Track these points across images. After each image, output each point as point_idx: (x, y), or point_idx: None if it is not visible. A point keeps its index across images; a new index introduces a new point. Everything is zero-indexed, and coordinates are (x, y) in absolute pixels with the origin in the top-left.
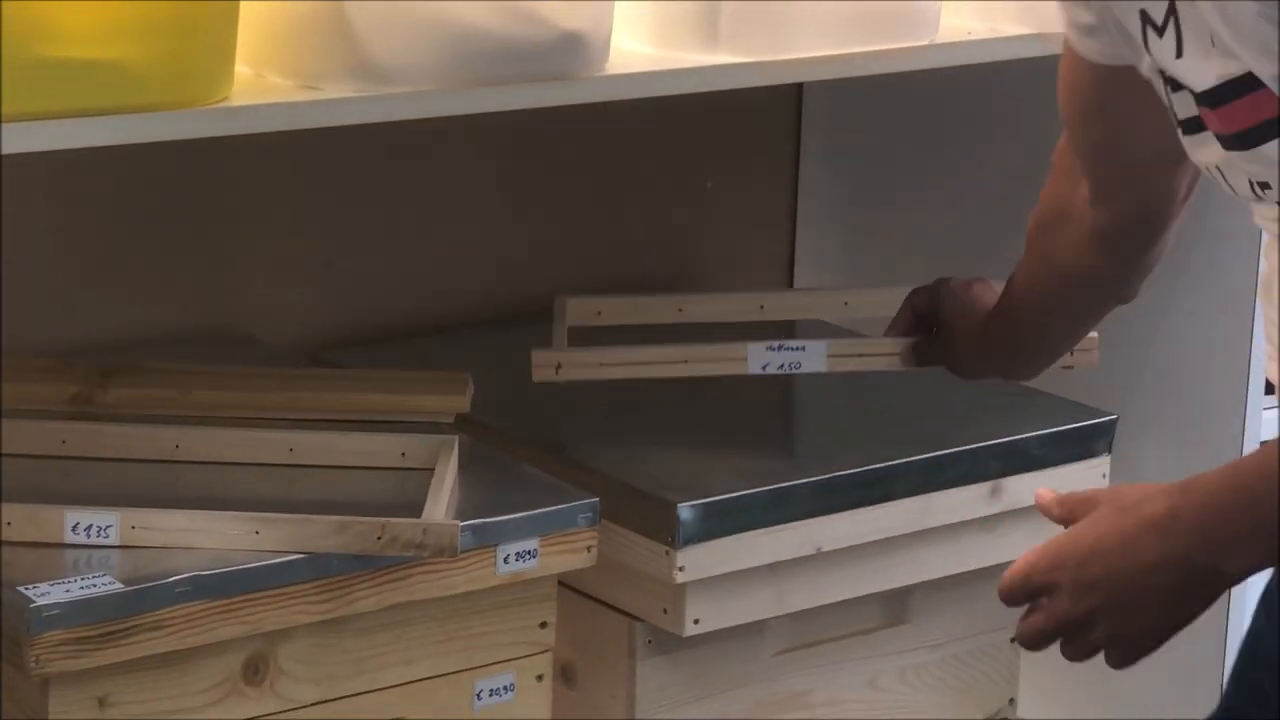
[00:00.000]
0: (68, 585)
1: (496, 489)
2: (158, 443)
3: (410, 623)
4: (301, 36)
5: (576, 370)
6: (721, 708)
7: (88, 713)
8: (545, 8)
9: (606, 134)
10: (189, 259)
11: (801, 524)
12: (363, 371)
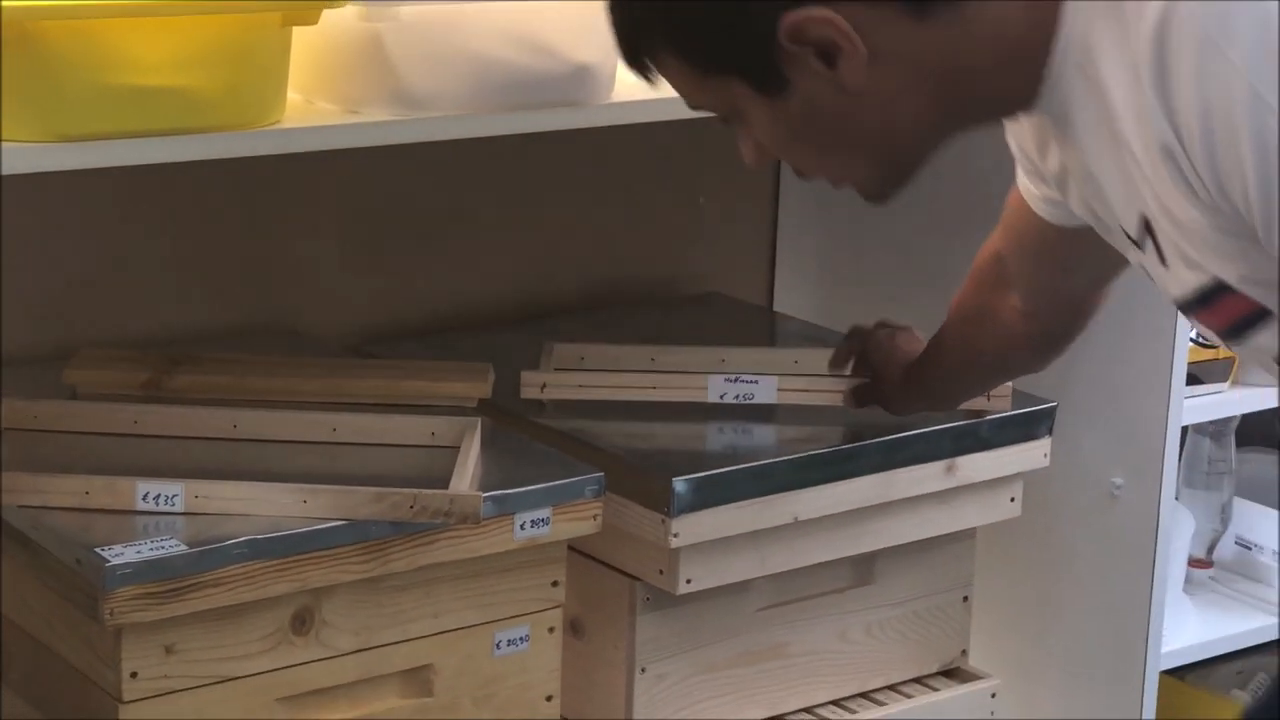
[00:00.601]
0: (139, 547)
1: (514, 465)
2: (217, 423)
3: (438, 581)
4: (346, 67)
5: (558, 391)
6: (710, 657)
7: (156, 660)
8: (558, 42)
9: (611, 154)
10: (246, 264)
11: (780, 496)
12: (397, 361)
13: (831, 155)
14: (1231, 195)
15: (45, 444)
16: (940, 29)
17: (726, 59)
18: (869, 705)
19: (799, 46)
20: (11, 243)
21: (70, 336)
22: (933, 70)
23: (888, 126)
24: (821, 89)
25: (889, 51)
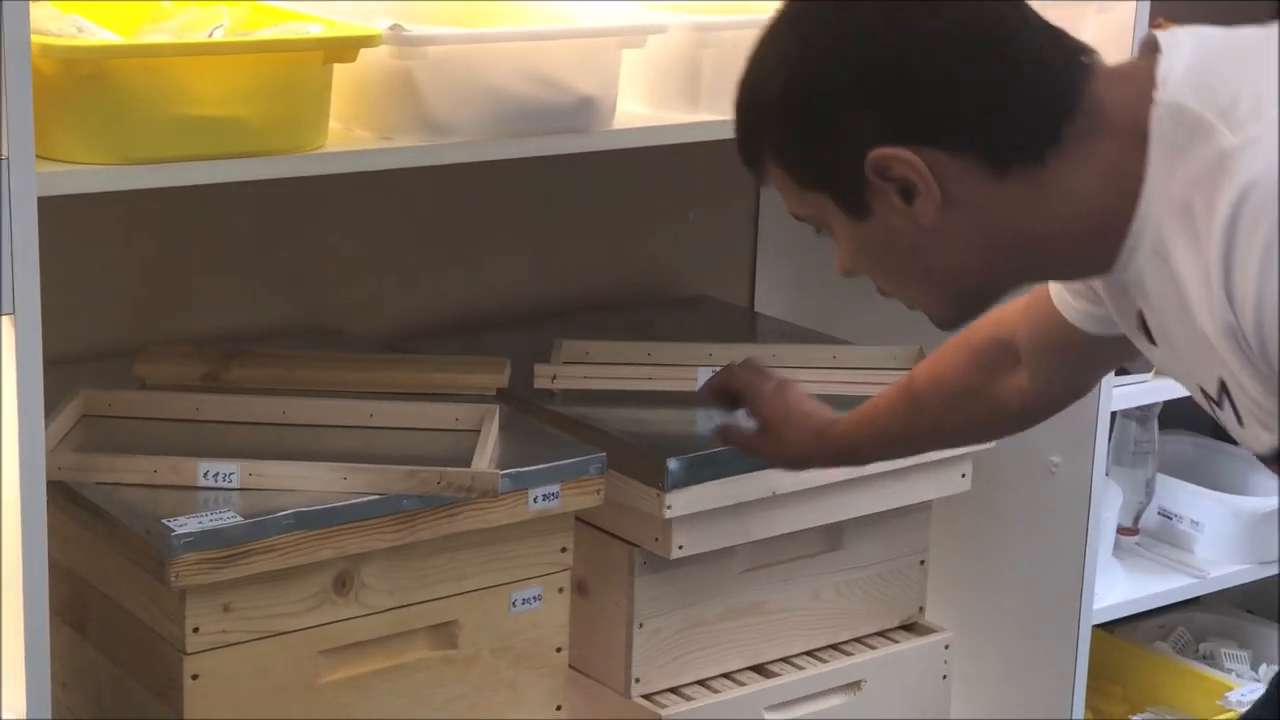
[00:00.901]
0: (200, 518)
1: (527, 446)
2: (268, 410)
3: (461, 548)
4: (380, 98)
5: (566, 382)
6: (699, 614)
7: (215, 617)
8: (565, 77)
9: (612, 175)
10: (293, 271)
11: (760, 474)
12: (425, 356)
13: (904, 281)
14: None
15: (118, 429)
16: (1017, 190)
17: (820, 179)
18: (838, 655)
19: (882, 180)
20: (87, 252)
21: (139, 334)
22: (1005, 226)
23: (956, 266)
24: (899, 222)
25: (964, 201)
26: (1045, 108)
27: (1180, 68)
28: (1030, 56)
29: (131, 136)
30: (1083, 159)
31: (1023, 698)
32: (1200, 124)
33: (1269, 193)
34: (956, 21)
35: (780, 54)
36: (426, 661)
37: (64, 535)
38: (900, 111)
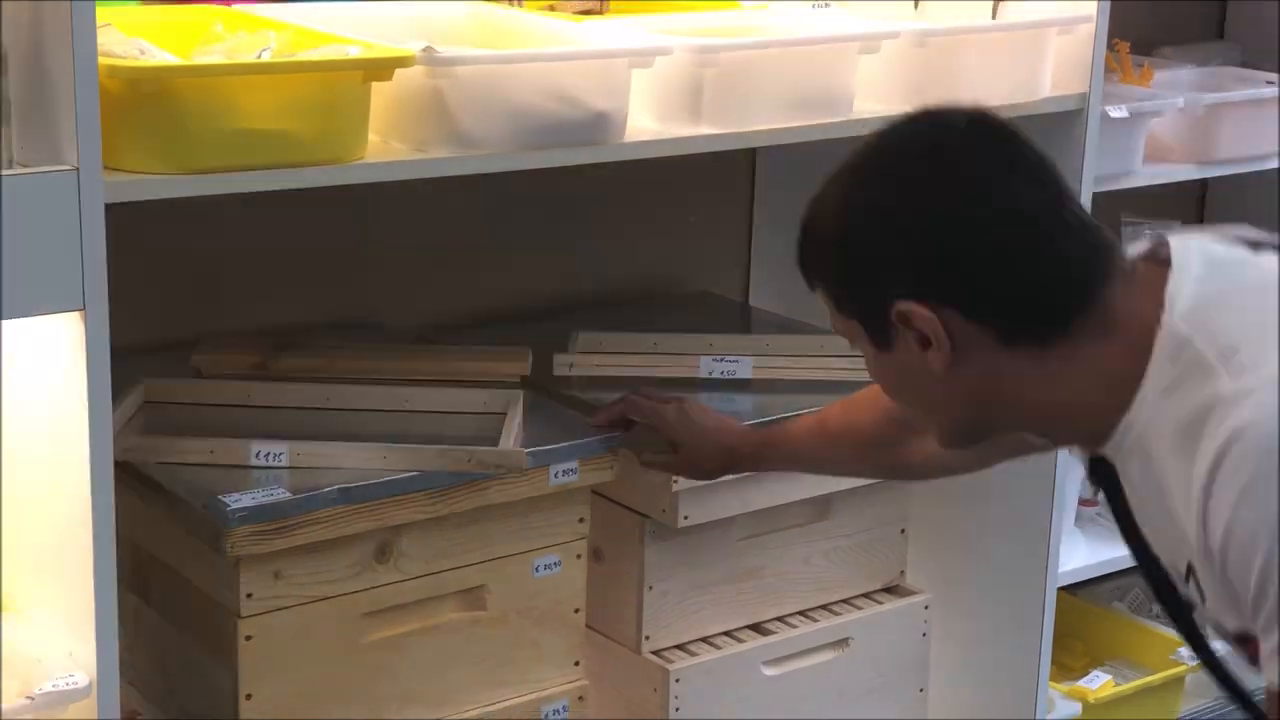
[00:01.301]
0: (253, 494)
1: (549, 427)
2: (314, 396)
3: (490, 519)
4: (414, 114)
5: (583, 369)
6: (703, 577)
7: (267, 583)
8: (582, 95)
9: (623, 183)
10: (337, 270)
11: None
12: (456, 347)
13: (912, 405)
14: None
15: (177, 414)
16: (1022, 363)
17: (854, 311)
18: (828, 615)
19: (904, 327)
20: (149, 253)
21: (195, 328)
22: (1005, 388)
23: (957, 408)
24: (914, 362)
25: (972, 359)
26: (1062, 301)
27: (1188, 296)
28: (1058, 254)
29: (189, 148)
30: (1086, 352)
31: (995, 653)
32: (1201, 363)
33: (1254, 444)
34: (1000, 212)
35: (843, 199)
36: (458, 622)
37: (129, 511)
38: (932, 276)
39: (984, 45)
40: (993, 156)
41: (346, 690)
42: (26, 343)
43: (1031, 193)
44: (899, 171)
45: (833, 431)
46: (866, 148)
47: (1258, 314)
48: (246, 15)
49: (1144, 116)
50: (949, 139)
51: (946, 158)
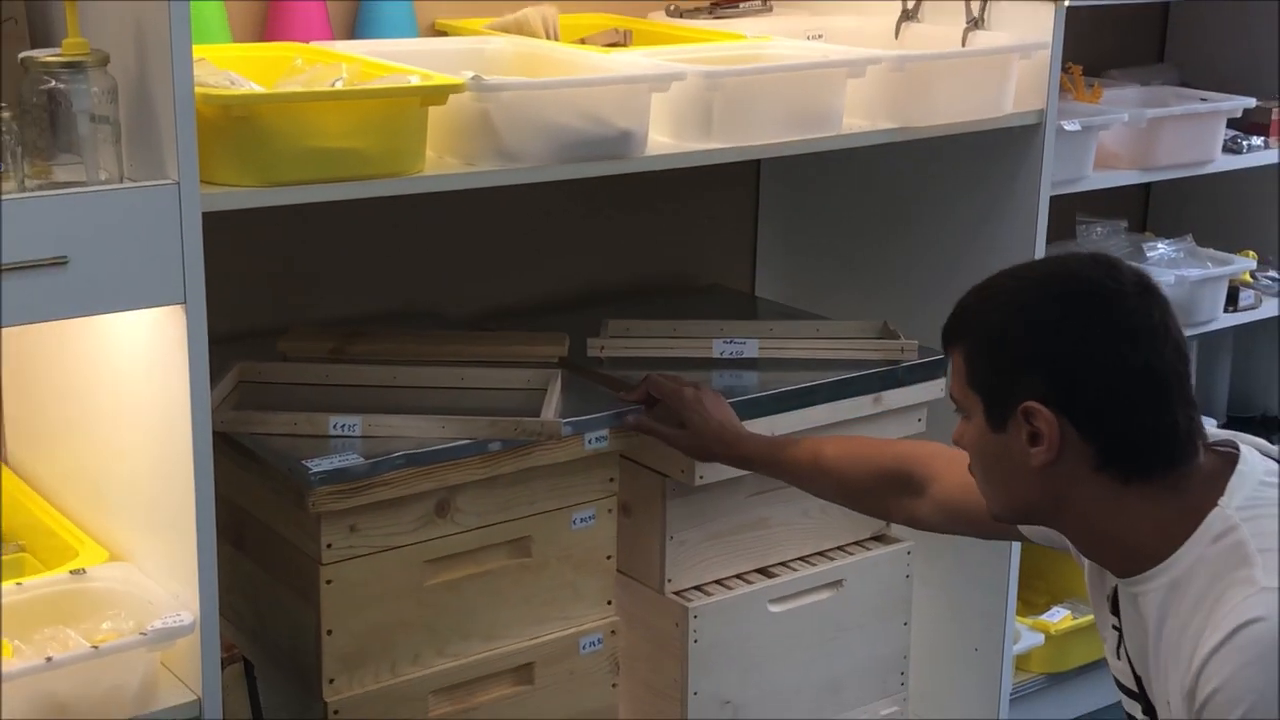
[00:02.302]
0: (331, 460)
1: (584, 400)
2: (382, 376)
3: (533, 479)
4: (464, 133)
5: (612, 351)
6: (716, 528)
7: (343, 535)
8: (609, 115)
9: (645, 191)
10: (401, 267)
11: (763, 419)
12: (503, 333)
13: (989, 479)
14: None
15: (267, 392)
16: (1101, 484)
17: (984, 390)
18: (824, 560)
19: (1024, 421)
20: (240, 255)
21: (281, 318)
22: (1077, 499)
23: (1030, 497)
24: (1016, 449)
25: (1064, 466)
26: (1158, 455)
27: (1245, 496)
28: (1170, 417)
29: (272, 164)
30: (1152, 501)
31: (968, 592)
32: (1242, 550)
33: (1265, 634)
34: (1142, 366)
35: (1015, 302)
36: (507, 568)
37: (225, 474)
38: (1068, 393)
39: (955, 69)
40: (1149, 317)
41: (412, 626)
42: (138, 332)
43: (1170, 359)
44: (1075, 299)
45: (825, 467)
46: (1048, 268)
47: None
48: (321, 50)
49: (1094, 129)
50: (1119, 291)
51: (1113, 303)
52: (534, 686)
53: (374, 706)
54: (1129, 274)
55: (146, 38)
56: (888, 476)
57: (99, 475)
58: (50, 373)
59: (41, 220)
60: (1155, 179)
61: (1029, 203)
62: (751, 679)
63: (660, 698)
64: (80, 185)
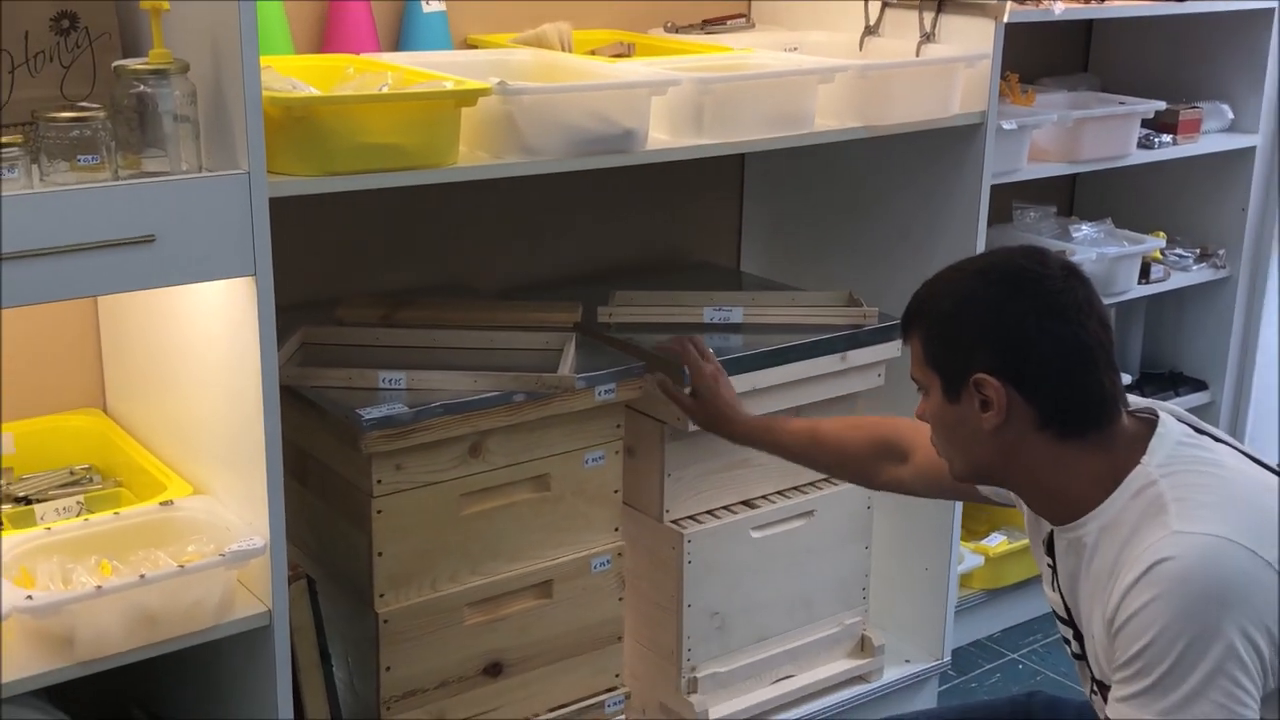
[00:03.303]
0: (381, 409)
1: (594, 358)
2: (424, 338)
3: (552, 425)
4: (491, 131)
5: (619, 317)
6: (708, 467)
7: (391, 473)
8: (615, 116)
9: (645, 181)
10: (439, 246)
11: (746, 374)
12: (526, 302)
13: (949, 444)
14: (1114, 654)
15: (326, 352)
16: (1043, 443)
17: (939, 367)
18: (798, 494)
19: (975, 391)
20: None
21: (337, 289)
22: (1023, 456)
23: (982, 457)
24: (970, 417)
25: (1012, 428)
26: (1090, 415)
27: (1163, 455)
28: (1098, 382)
29: (328, 157)
30: (1086, 458)
31: (920, 521)
32: (1160, 500)
33: (1174, 572)
34: (1074, 338)
35: (963, 290)
36: (530, 501)
37: (291, 420)
38: (1011, 364)
39: (910, 76)
40: (1074, 296)
41: (449, 550)
42: (216, 299)
43: (1094, 331)
44: (1011, 285)
45: (821, 441)
46: (987, 260)
47: (1207, 487)
48: (370, 60)
49: (1028, 128)
50: (1048, 275)
51: (1046, 286)
52: (553, 600)
53: (417, 617)
54: (1055, 261)
55: (221, 49)
56: (879, 445)
57: (184, 422)
58: (142, 335)
59: (132, 204)
60: (1080, 170)
61: (972, 190)
62: (736, 594)
63: (659, 610)
64: (165, 175)
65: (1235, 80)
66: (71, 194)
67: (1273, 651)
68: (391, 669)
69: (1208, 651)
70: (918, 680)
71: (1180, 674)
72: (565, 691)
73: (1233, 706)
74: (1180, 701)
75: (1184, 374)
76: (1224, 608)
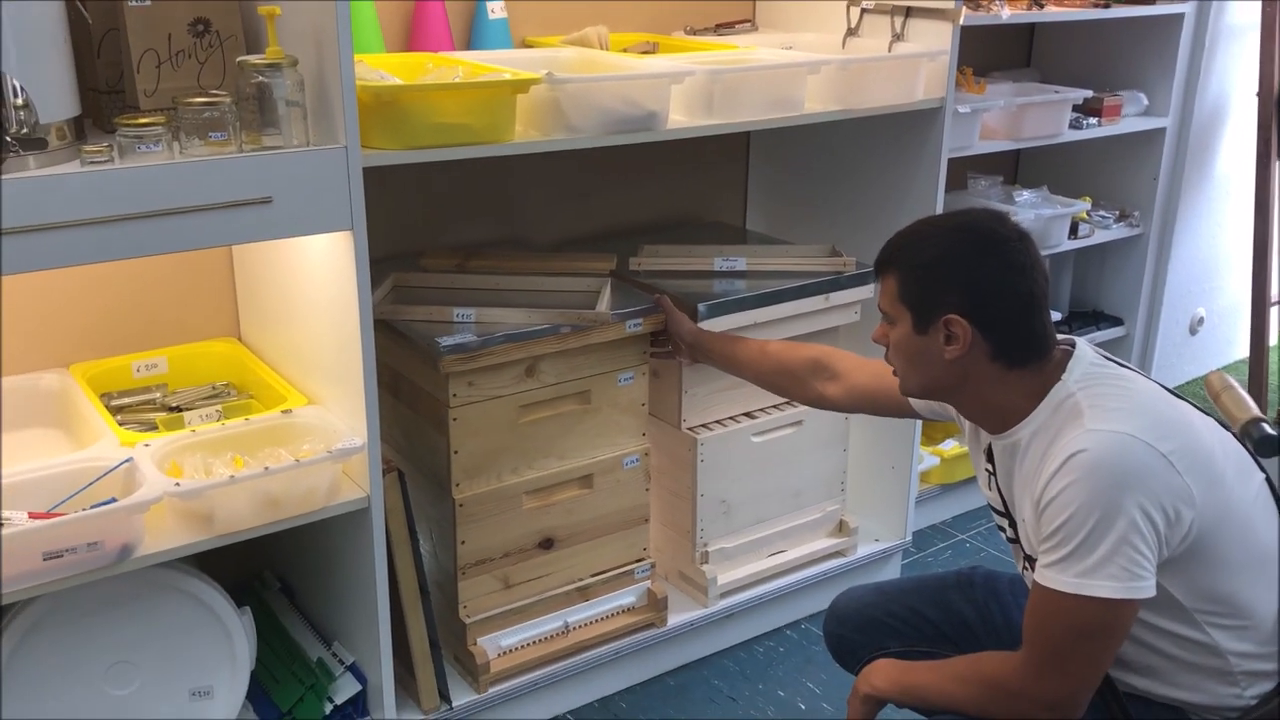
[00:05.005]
0: (455, 337)
1: (625, 298)
2: (490, 283)
3: (592, 351)
4: (541, 113)
5: (646, 266)
6: (717, 385)
7: (464, 388)
8: (641, 100)
9: (666, 155)
10: (501, 208)
11: (748, 311)
12: (571, 253)
13: (908, 366)
14: (1041, 531)
15: (413, 294)
16: (995, 370)
17: (912, 304)
18: (790, 406)
19: (944, 329)
20: (392, 198)
21: (420, 243)
22: (973, 378)
23: (937, 379)
24: (933, 348)
25: (968, 358)
26: (1031, 351)
27: (1079, 374)
28: (1041, 324)
29: (411, 134)
30: (1023, 381)
31: (889, 430)
32: (1077, 408)
33: (1088, 461)
34: (1026, 290)
35: (943, 243)
36: (576, 412)
37: (384, 347)
38: (980, 309)
39: (883, 68)
40: (1027, 255)
41: (510, 449)
42: (322, 249)
43: (1041, 285)
44: (982, 244)
45: (770, 355)
46: (960, 219)
47: (1114, 396)
48: (444, 58)
49: (979, 111)
50: (1008, 237)
51: (1008, 246)
52: (593, 489)
53: (486, 502)
54: (1012, 225)
55: (324, 47)
56: (812, 364)
57: (300, 347)
58: (267, 279)
59: (253, 172)
60: (1022, 146)
61: (933, 162)
62: (739, 486)
63: (678, 498)
64: (279, 148)
65: (1150, 73)
66: (204, 163)
67: (1167, 527)
68: (466, 542)
69: (1113, 525)
70: (885, 556)
71: (1092, 543)
72: (603, 560)
73: (1133, 570)
74: (1093, 565)
75: (1104, 312)
76: (1126, 490)
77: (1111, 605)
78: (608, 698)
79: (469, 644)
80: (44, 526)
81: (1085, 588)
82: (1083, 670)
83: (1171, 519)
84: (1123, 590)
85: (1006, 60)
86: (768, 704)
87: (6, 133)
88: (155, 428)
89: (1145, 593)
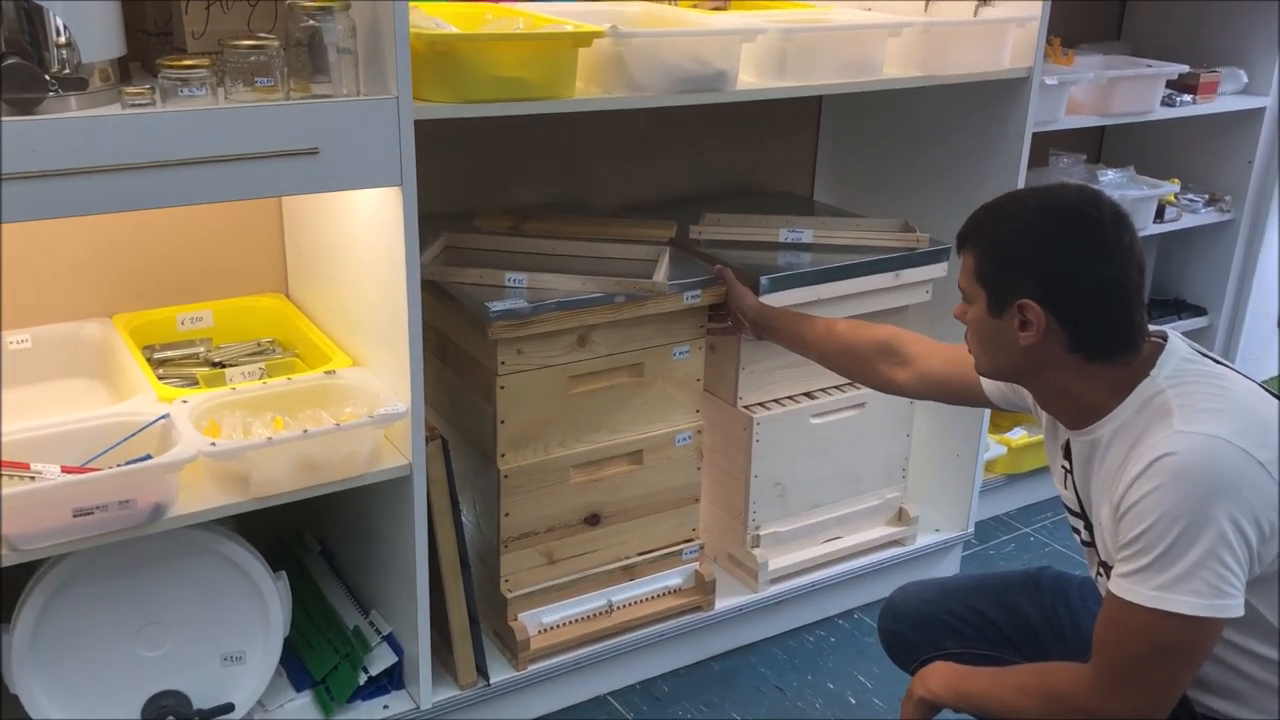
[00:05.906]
0: (506, 303)
1: (684, 268)
2: (544, 246)
3: (647, 322)
4: (603, 68)
5: (708, 234)
6: (775, 363)
7: (513, 356)
8: (709, 58)
9: (735, 117)
10: (558, 168)
11: (812, 286)
12: (629, 219)
13: (983, 350)
14: (1119, 538)
15: (463, 254)
16: (1073, 362)
17: (988, 285)
18: (851, 388)
19: (1018, 313)
20: (444, 154)
21: (474, 203)
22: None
23: (1012, 364)
24: (1007, 331)
25: (1044, 347)
26: (1118, 346)
27: (1170, 370)
28: (1129, 317)
29: (466, 87)
30: (1106, 374)
31: (955, 415)
32: (1166, 407)
33: (1174, 465)
34: (1114, 278)
35: (1025, 221)
36: (628, 385)
37: (432, 309)
38: (1057, 296)
39: (968, 33)
40: (1120, 241)
41: (559, 421)
42: (371, 205)
43: (1133, 274)
44: (1067, 224)
45: (835, 335)
46: (1047, 196)
47: (1208, 396)
48: (505, 8)
49: (1067, 84)
50: (1100, 220)
51: (1095, 229)
52: (643, 466)
53: (532, 474)
54: (1108, 205)
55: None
56: (881, 347)
57: (347, 306)
58: (316, 234)
59: (299, 121)
60: (1109, 123)
61: (1016, 136)
62: (795, 468)
63: (730, 478)
64: (328, 97)
65: (1251, 48)
66: (248, 110)
67: (1260, 541)
68: (510, 515)
69: (1200, 536)
70: (945, 547)
71: (1175, 554)
72: (651, 539)
73: (1220, 586)
74: (1175, 578)
75: (1187, 301)
76: (1217, 499)
77: (1192, 623)
78: (650, 680)
79: (509, 619)
80: (74, 482)
81: (1165, 602)
82: (1158, 691)
83: (1266, 533)
84: (1206, 608)
85: (1096, 32)
86: (816, 696)
87: (48, 71)
88: (196, 383)
89: (1232, 612)
